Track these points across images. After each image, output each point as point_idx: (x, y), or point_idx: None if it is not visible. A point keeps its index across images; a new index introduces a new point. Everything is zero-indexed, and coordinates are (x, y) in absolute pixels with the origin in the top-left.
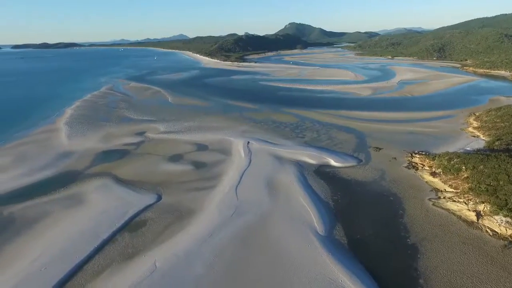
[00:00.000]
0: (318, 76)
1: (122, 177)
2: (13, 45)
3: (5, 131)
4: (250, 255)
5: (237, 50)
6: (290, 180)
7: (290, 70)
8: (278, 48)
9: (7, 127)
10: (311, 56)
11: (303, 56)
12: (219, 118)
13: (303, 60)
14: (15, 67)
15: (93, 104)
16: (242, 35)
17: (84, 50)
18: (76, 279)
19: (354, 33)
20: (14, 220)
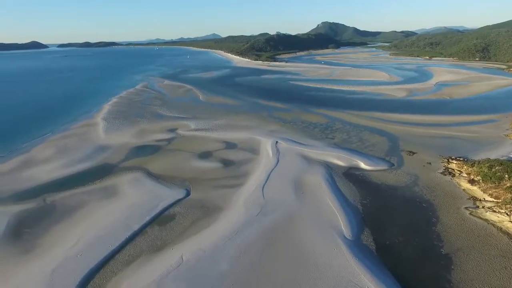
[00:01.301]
0: (350, 76)
1: (154, 171)
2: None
3: (51, 124)
4: (274, 255)
5: (268, 49)
6: (318, 182)
7: (321, 70)
8: (310, 47)
9: (53, 120)
10: (343, 56)
11: (335, 56)
12: (249, 117)
13: (335, 60)
14: (60, 65)
15: (128, 101)
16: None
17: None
18: (108, 267)
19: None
20: (55, 208)
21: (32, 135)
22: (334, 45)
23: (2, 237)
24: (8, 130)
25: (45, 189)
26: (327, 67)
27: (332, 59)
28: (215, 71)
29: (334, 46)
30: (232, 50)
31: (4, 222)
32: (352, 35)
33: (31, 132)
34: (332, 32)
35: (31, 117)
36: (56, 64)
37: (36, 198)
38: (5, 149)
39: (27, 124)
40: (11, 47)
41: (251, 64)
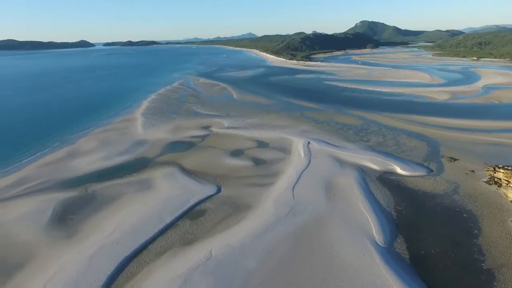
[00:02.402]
0: (388, 77)
1: (187, 167)
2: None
3: (95, 118)
4: (302, 256)
5: (304, 48)
6: (350, 185)
7: (358, 70)
8: (347, 47)
9: (97, 115)
10: (382, 56)
11: (373, 56)
12: (281, 116)
13: (372, 60)
14: (104, 62)
15: (165, 98)
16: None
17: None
18: (141, 256)
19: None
20: (96, 197)
21: (79, 128)
22: (372, 45)
23: (49, 222)
24: (59, 123)
25: (87, 179)
26: (364, 67)
27: (369, 59)
28: (250, 70)
29: (372, 45)
30: (267, 49)
31: (51, 208)
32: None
33: (78, 125)
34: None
35: (78, 111)
36: (101, 62)
37: (79, 187)
38: (56, 140)
39: (74, 118)
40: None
41: (285, 64)
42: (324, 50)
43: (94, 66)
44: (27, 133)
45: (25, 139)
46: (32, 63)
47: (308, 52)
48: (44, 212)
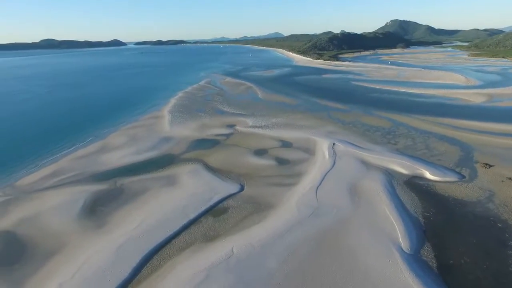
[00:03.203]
0: (419, 78)
1: (211, 164)
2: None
3: (125, 115)
4: (324, 258)
5: (331, 48)
6: (376, 188)
7: (387, 70)
8: (376, 47)
9: (127, 111)
10: (413, 56)
11: (403, 56)
12: (306, 116)
13: (403, 60)
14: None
15: (192, 96)
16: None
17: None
18: (165, 250)
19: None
20: (124, 190)
21: (110, 123)
22: (403, 45)
23: (80, 213)
24: (92, 118)
25: (116, 173)
26: (393, 68)
27: (399, 59)
28: (275, 69)
29: (403, 45)
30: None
31: (82, 199)
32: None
33: (109, 121)
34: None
35: (110, 108)
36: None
37: (109, 181)
38: (89, 135)
39: (106, 114)
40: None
41: (312, 63)
42: (352, 50)
43: (126, 64)
44: (63, 127)
45: (62, 133)
46: (69, 61)
47: (336, 51)
48: (76, 203)
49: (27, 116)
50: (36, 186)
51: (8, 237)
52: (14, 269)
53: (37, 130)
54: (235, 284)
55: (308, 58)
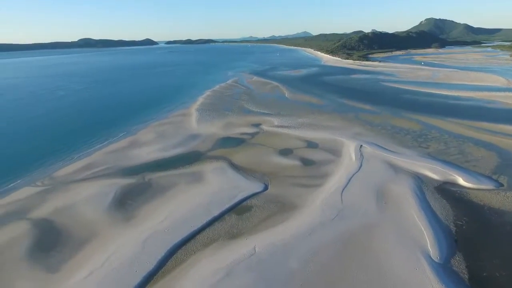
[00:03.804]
0: (455, 79)
1: (236, 163)
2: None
3: (156, 112)
4: (348, 262)
5: (361, 48)
6: (404, 193)
7: (420, 71)
8: (409, 46)
9: (157, 108)
10: (448, 56)
11: (438, 56)
12: (333, 117)
13: (437, 60)
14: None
15: (219, 95)
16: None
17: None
18: (189, 245)
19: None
20: (151, 185)
21: (140, 119)
22: (438, 44)
23: (110, 205)
24: (124, 114)
25: (144, 168)
26: (427, 69)
27: (434, 59)
28: (303, 69)
29: (438, 45)
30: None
31: (113, 192)
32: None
33: (139, 117)
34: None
35: (141, 104)
36: (163, 59)
37: (137, 175)
38: (121, 130)
39: (137, 110)
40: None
41: (340, 63)
42: (384, 49)
43: (157, 62)
44: (97, 122)
45: (96, 128)
46: (104, 59)
47: (366, 51)
48: (107, 195)
49: (64, 111)
50: (71, 178)
51: (46, 225)
52: (51, 255)
53: (73, 125)
54: (256, 283)
55: (337, 57)
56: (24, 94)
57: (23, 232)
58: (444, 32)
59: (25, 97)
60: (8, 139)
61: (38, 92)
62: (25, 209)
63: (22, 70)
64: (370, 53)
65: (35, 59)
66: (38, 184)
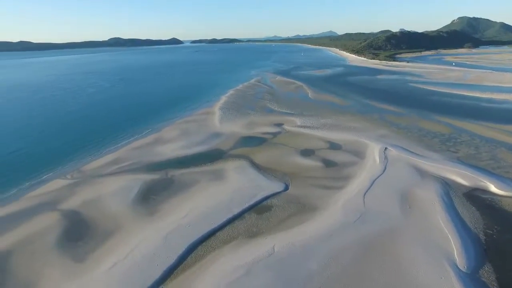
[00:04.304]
0: (488, 81)
1: (257, 162)
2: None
3: (181, 109)
4: (368, 267)
5: (388, 48)
6: (431, 198)
7: (450, 72)
8: (439, 46)
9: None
10: (482, 56)
11: (471, 56)
12: (357, 118)
13: (470, 61)
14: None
15: (242, 94)
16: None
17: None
18: (209, 242)
19: None
20: (174, 181)
21: (165, 117)
22: (471, 44)
23: (135, 199)
24: (150, 112)
25: (168, 165)
26: (458, 69)
27: (466, 60)
28: (327, 69)
29: (471, 45)
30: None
31: (137, 187)
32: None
33: (165, 115)
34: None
35: (166, 102)
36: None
37: (161, 171)
38: (146, 127)
39: (162, 108)
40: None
41: (366, 63)
42: (412, 49)
43: (182, 61)
44: (125, 119)
45: (123, 124)
46: (132, 57)
47: (393, 51)
48: (131, 190)
49: (94, 108)
50: (99, 172)
51: (74, 216)
52: (78, 246)
53: (102, 121)
54: (274, 282)
55: (363, 57)
56: (58, 91)
57: (53, 222)
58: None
59: (59, 94)
60: (43, 134)
61: (70, 89)
62: (56, 200)
63: (56, 68)
64: (397, 53)
65: (68, 57)
66: (68, 177)
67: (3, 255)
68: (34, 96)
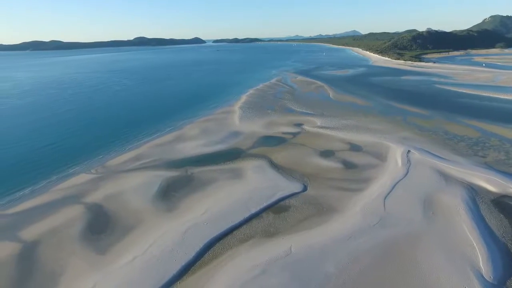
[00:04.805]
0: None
1: (276, 162)
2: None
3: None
4: (388, 274)
5: (414, 47)
6: (455, 204)
7: (480, 73)
8: (468, 46)
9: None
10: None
11: (503, 57)
12: (379, 119)
13: (502, 62)
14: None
15: (263, 93)
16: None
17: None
18: (226, 240)
19: None
20: (193, 179)
21: (186, 115)
22: (503, 44)
23: (155, 195)
24: (172, 110)
25: (188, 162)
26: (488, 70)
27: (497, 60)
28: (349, 69)
29: (504, 45)
30: (370, 48)
31: (157, 183)
32: None
33: (186, 113)
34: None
35: (188, 101)
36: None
37: (181, 168)
38: (168, 125)
39: (184, 106)
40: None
41: (390, 64)
42: (439, 49)
43: (204, 60)
44: (147, 116)
45: (146, 121)
46: (155, 57)
47: (419, 51)
48: (152, 186)
49: (119, 106)
50: (122, 167)
51: (97, 209)
52: (101, 238)
53: (126, 118)
54: (291, 282)
55: (386, 58)
56: (86, 88)
57: (78, 214)
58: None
59: (87, 91)
60: (72, 129)
61: (96, 87)
62: (81, 194)
63: (84, 66)
64: (423, 53)
65: (95, 56)
66: (92, 171)
67: (33, 244)
68: (64, 93)
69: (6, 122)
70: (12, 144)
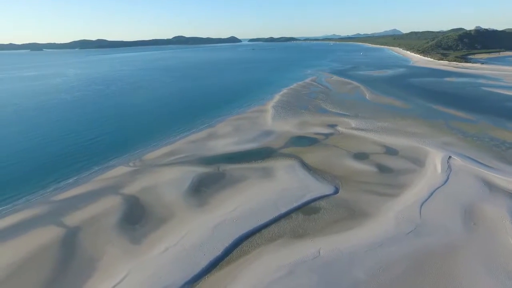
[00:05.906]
0: None
1: (307, 162)
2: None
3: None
4: (422, 284)
5: (460, 47)
6: (501, 216)
7: None
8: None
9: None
10: None
11: None
12: (418, 123)
13: None
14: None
15: (296, 93)
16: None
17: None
18: (254, 238)
19: None
20: (225, 176)
21: (220, 113)
22: None
23: (187, 190)
24: (206, 108)
25: (220, 159)
26: None
27: None
28: (388, 69)
29: None
30: (412, 47)
31: (190, 178)
32: None
33: (219, 111)
34: None
35: (222, 98)
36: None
37: (213, 165)
38: (202, 122)
39: (218, 104)
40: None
41: (432, 64)
42: (489, 49)
43: (239, 59)
44: (184, 113)
45: (182, 118)
46: (193, 55)
47: (466, 51)
48: (185, 181)
49: (157, 102)
50: (157, 162)
51: (133, 201)
52: (136, 228)
53: (162, 114)
54: (317, 285)
55: (429, 58)
56: (127, 84)
57: (115, 204)
58: None
59: (128, 88)
60: (112, 124)
61: (138, 84)
62: (119, 185)
63: (126, 64)
64: (470, 53)
65: (137, 54)
66: (130, 164)
67: (74, 230)
68: (107, 90)
69: (55, 115)
70: (61, 137)
